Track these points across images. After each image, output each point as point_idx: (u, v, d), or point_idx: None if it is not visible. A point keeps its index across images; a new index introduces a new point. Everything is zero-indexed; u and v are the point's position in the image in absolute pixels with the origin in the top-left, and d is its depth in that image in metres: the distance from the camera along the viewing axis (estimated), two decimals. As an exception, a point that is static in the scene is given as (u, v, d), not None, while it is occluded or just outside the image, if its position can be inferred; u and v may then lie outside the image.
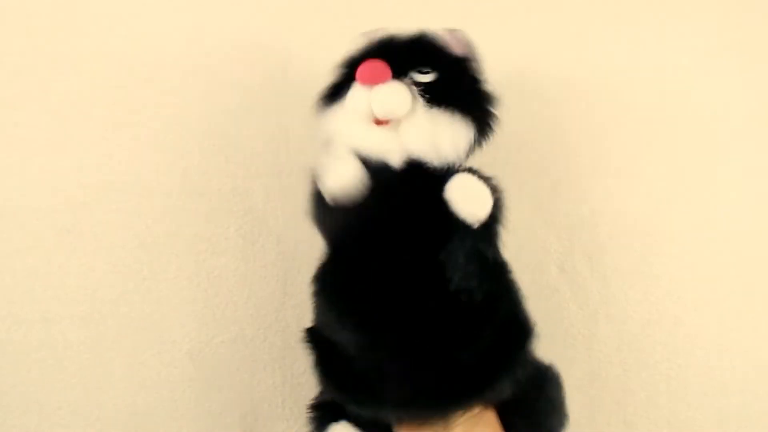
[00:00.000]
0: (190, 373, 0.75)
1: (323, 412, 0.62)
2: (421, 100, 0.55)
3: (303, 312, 0.78)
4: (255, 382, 0.77)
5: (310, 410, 0.64)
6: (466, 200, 0.54)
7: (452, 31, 0.60)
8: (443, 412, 0.54)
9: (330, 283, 0.58)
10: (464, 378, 0.54)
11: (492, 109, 0.59)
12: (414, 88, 0.55)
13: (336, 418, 0.60)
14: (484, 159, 0.60)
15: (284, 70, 0.80)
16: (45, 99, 0.73)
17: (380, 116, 0.55)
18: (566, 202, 0.84)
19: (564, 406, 0.62)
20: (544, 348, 0.83)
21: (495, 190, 0.56)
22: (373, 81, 0.54)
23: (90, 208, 0.73)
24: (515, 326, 0.58)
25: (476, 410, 0.55)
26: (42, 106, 0.72)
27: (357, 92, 0.56)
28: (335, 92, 0.59)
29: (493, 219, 0.56)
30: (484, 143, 0.59)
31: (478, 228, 0.54)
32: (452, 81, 0.57)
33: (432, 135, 0.55)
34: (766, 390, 0.83)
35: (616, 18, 0.87)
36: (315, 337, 0.61)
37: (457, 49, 0.59)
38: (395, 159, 0.55)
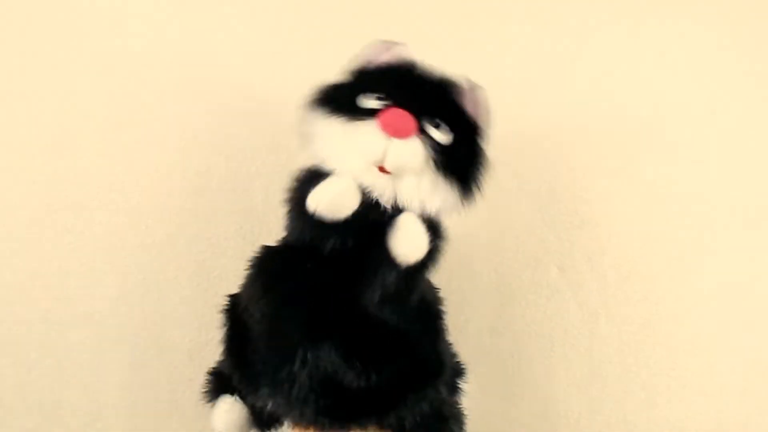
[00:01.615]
0: (190, 373, 0.75)
1: (219, 381, 0.62)
2: (431, 164, 0.55)
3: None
4: (255, 382, 0.77)
5: (208, 375, 0.63)
6: (402, 241, 0.54)
7: (473, 88, 0.58)
8: (340, 425, 0.55)
9: (275, 263, 0.59)
10: (368, 399, 0.54)
11: (481, 181, 0.59)
12: (429, 148, 0.54)
13: (229, 390, 0.60)
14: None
15: (284, 71, 0.80)
16: (45, 99, 0.73)
17: (390, 169, 0.54)
18: (566, 202, 0.84)
19: None
20: (544, 348, 0.84)
21: (436, 237, 0.56)
22: (398, 135, 0.53)
23: (90, 208, 0.73)
24: (428, 365, 0.58)
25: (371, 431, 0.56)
26: (42, 106, 0.72)
27: (373, 136, 0.54)
28: (337, 97, 0.58)
29: (423, 265, 0.56)
30: (462, 207, 0.59)
31: (405, 268, 0.54)
32: (464, 150, 0.57)
33: (428, 197, 0.55)
34: (766, 390, 0.83)
35: (617, 19, 0.87)
36: (234, 308, 0.61)
37: (472, 109, 0.58)
38: (385, 199, 0.55)
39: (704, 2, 0.87)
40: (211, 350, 0.76)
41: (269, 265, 0.59)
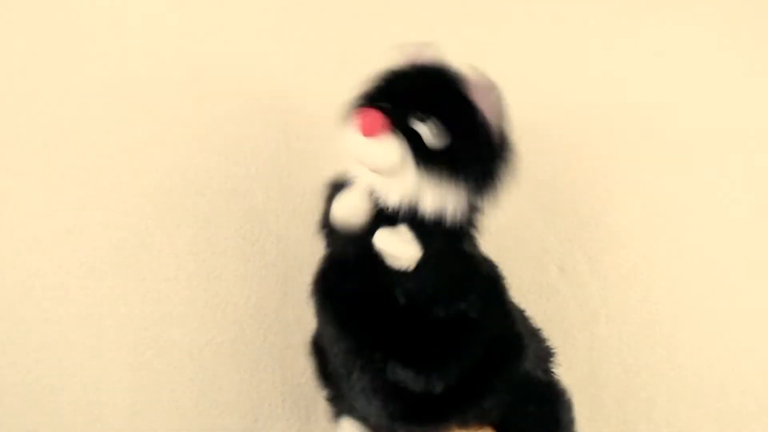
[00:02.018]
0: (190, 373, 0.75)
1: (339, 403, 0.64)
2: (413, 162, 0.53)
3: (303, 312, 0.78)
4: (255, 382, 0.77)
5: (328, 402, 0.66)
6: (387, 255, 0.54)
7: (482, 79, 0.56)
8: (421, 429, 0.56)
9: (319, 282, 0.60)
10: (441, 399, 0.54)
11: (499, 174, 0.57)
12: (408, 146, 0.52)
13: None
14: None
15: (284, 72, 0.80)
16: (45, 99, 0.73)
17: (370, 170, 0.54)
18: (566, 202, 0.84)
19: (563, 424, 0.62)
20: (544, 348, 0.84)
21: (425, 232, 0.55)
22: (366, 134, 0.53)
23: (90, 208, 0.73)
24: (502, 347, 0.58)
25: (473, 428, 0.56)
26: (42, 106, 0.72)
27: (354, 138, 0.54)
28: (354, 105, 0.57)
29: (433, 263, 0.55)
30: (484, 208, 0.58)
31: (413, 272, 0.54)
32: (462, 148, 0.54)
33: (415, 197, 0.54)
34: (766, 390, 0.83)
35: (617, 20, 0.87)
36: (316, 346, 0.64)
37: (479, 101, 0.55)
38: (393, 202, 0.54)
39: (711, 5, 0.87)
40: (211, 350, 0.76)
41: (316, 286, 0.60)
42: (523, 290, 0.83)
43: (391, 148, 0.53)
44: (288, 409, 0.78)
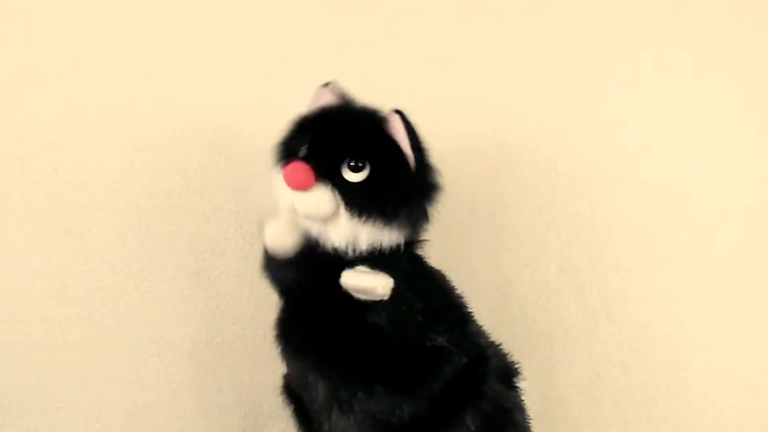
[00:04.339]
0: (190, 373, 0.75)
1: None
2: (342, 206, 0.55)
3: (303, 312, 0.78)
4: (255, 382, 0.77)
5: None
6: (361, 291, 0.55)
7: (393, 114, 0.57)
8: None
9: (280, 326, 0.62)
10: (422, 422, 0.56)
11: (426, 204, 0.59)
12: (337, 193, 0.55)
13: None
14: (485, 160, 0.61)
15: (284, 72, 0.80)
16: (45, 99, 0.73)
17: (304, 218, 0.56)
18: (566, 202, 0.84)
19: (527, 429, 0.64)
20: (544, 348, 0.84)
21: (392, 266, 0.57)
22: (295, 188, 0.55)
23: (90, 208, 0.73)
24: (470, 366, 0.59)
25: None
26: (42, 106, 0.72)
27: (284, 190, 0.56)
28: (285, 151, 0.59)
29: (401, 293, 0.56)
30: (420, 230, 0.60)
31: (383, 302, 0.56)
32: (381, 184, 0.56)
33: (351, 238, 0.56)
34: (766, 390, 0.83)
35: (618, 22, 0.87)
36: (288, 389, 0.65)
37: (396, 135, 0.57)
38: (335, 243, 0.56)
39: (705, 8, 0.87)
40: (211, 350, 0.76)
41: (278, 331, 0.62)
42: (523, 290, 0.84)
43: (321, 198, 0.55)
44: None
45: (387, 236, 0.56)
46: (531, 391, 0.82)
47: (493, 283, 0.84)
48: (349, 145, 0.56)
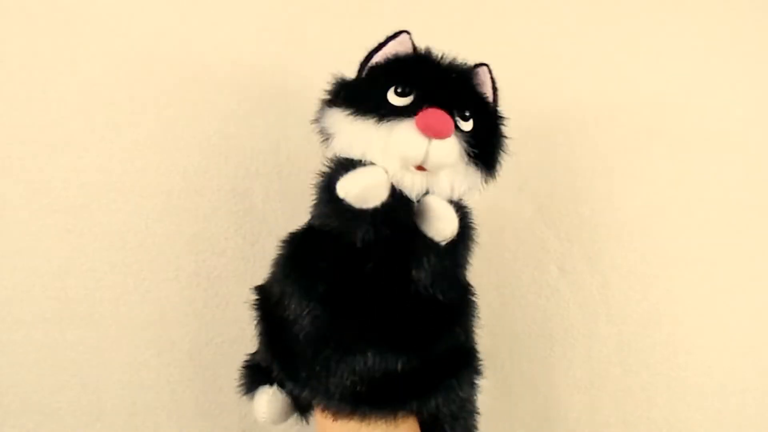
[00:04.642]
0: (190, 373, 0.75)
1: (255, 373, 0.62)
2: (464, 156, 0.55)
3: (303, 312, 0.78)
4: (255, 382, 0.77)
5: (243, 369, 0.64)
6: (433, 220, 0.54)
7: (484, 68, 0.59)
8: (383, 412, 0.54)
9: (303, 255, 0.57)
10: (413, 381, 0.54)
11: (501, 159, 0.60)
12: (462, 142, 0.55)
13: (266, 380, 0.61)
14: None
15: (284, 71, 0.80)
16: (45, 99, 0.73)
17: (430, 168, 0.54)
18: (566, 203, 0.84)
19: None
20: (544, 348, 0.84)
21: (461, 210, 0.56)
22: (440, 136, 0.53)
23: (90, 208, 0.73)
24: (466, 349, 0.59)
25: (401, 418, 0.55)
26: (42, 106, 0.72)
27: (412, 137, 0.53)
28: (362, 95, 0.56)
29: (460, 239, 0.56)
30: (484, 186, 0.60)
31: (445, 246, 0.55)
32: (486, 135, 0.57)
33: (458, 185, 0.56)
34: (766, 390, 0.83)
35: (617, 19, 0.87)
36: (265, 299, 0.60)
37: (488, 90, 0.60)
38: (415, 195, 0.55)
39: (708, 3, 0.87)
40: (211, 350, 0.76)
41: (303, 258, 0.57)
42: (523, 290, 0.84)
43: (454, 146, 0.54)
44: (288, 409, 0.78)
45: (476, 184, 0.57)
46: (531, 391, 0.82)
47: (493, 283, 0.84)
48: (459, 96, 0.56)
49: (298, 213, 0.76)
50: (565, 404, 0.82)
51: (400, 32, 0.58)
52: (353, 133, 0.55)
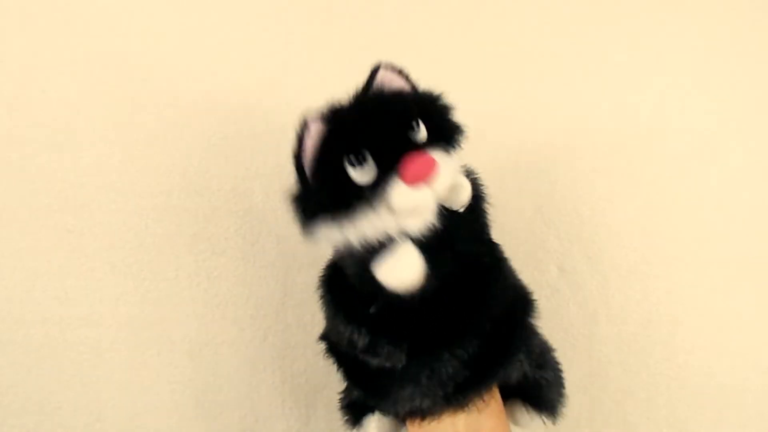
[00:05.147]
0: (190, 373, 0.75)
1: (355, 409, 0.64)
2: (444, 154, 0.53)
3: (303, 312, 0.78)
4: (255, 382, 0.77)
5: (342, 411, 0.65)
6: (457, 188, 0.54)
7: (382, 70, 0.55)
8: (464, 402, 0.55)
9: (341, 290, 0.57)
10: (484, 359, 0.54)
11: (461, 131, 0.57)
12: (436, 149, 0.52)
13: (368, 409, 0.62)
14: (485, 159, 0.60)
15: (284, 72, 0.80)
16: (45, 99, 0.73)
17: (447, 197, 0.53)
18: (566, 202, 0.84)
19: (563, 378, 0.64)
20: (544, 348, 0.84)
21: (471, 176, 0.57)
22: (432, 179, 0.50)
23: (90, 208, 0.73)
24: (517, 300, 0.59)
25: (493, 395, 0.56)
26: (42, 106, 0.72)
27: (413, 194, 0.50)
28: (335, 194, 0.52)
29: (477, 202, 0.57)
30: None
31: (466, 212, 0.55)
32: (437, 123, 0.54)
33: (453, 170, 0.54)
34: (766, 390, 0.83)
35: (618, 20, 0.87)
36: (331, 344, 0.61)
37: (402, 83, 0.56)
38: (432, 211, 0.53)
39: (707, 4, 0.87)
40: (211, 350, 0.76)
41: (342, 292, 0.57)
42: (523, 290, 0.84)
43: (445, 167, 0.51)
44: (288, 409, 0.78)
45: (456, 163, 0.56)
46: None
47: (493, 283, 0.83)
48: (400, 123, 0.52)
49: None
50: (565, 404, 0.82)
51: (304, 126, 0.53)
52: (357, 229, 0.51)
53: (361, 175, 0.50)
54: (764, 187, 0.85)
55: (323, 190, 0.53)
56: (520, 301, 0.59)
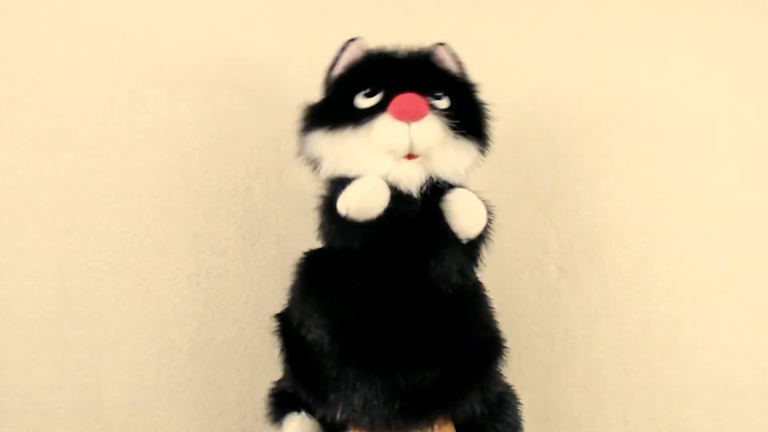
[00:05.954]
0: (190, 373, 0.75)
1: (283, 400, 0.62)
2: (449, 131, 0.55)
3: (303, 312, 0.78)
4: (255, 382, 0.77)
5: (270, 398, 0.63)
6: (463, 216, 0.55)
7: (442, 46, 0.60)
8: (417, 423, 0.54)
9: (317, 275, 0.58)
10: (436, 390, 0.54)
11: (490, 131, 0.61)
12: (442, 118, 0.55)
13: (294, 407, 0.60)
14: (484, 160, 0.61)
15: (283, 72, 0.80)
16: (45, 99, 0.73)
17: (419, 152, 0.54)
18: (566, 203, 0.84)
19: (521, 428, 0.62)
20: (544, 348, 0.84)
21: (488, 211, 0.57)
22: (416, 117, 0.53)
23: (90, 208, 0.73)
24: (488, 342, 0.59)
25: (438, 424, 0.55)
26: (42, 106, 0.72)
27: (392, 127, 0.54)
28: (332, 110, 0.57)
29: (481, 239, 0.57)
30: (482, 158, 0.61)
31: (465, 243, 0.55)
32: (465, 107, 0.58)
33: (457, 162, 0.56)
34: (766, 390, 0.83)
35: (618, 18, 0.87)
36: (286, 325, 0.60)
37: (452, 66, 0.60)
38: (415, 187, 0.55)
39: (707, 4, 0.87)
40: (211, 350, 0.76)
41: (318, 278, 0.58)
42: (523, 290, 0.84)
43: (435, 124, 0.54)
44: (288, 409, 0.78)
45: (476, 158, 0.58)
46: (531, 391, 0.82)
47: (493, 283, 0.83)
48: (424, 78, 0.57)
49: (298, 213, 0.76)
50: (565, 404, 0.82)
51: (349, 41, 0.58)
52: (337, 149, 0.56)
53: (366, 102, 0.55)
54: (764, 188, 0.85)
55: (332, 99, 0.58)
56: (492, 344, 0.59)
